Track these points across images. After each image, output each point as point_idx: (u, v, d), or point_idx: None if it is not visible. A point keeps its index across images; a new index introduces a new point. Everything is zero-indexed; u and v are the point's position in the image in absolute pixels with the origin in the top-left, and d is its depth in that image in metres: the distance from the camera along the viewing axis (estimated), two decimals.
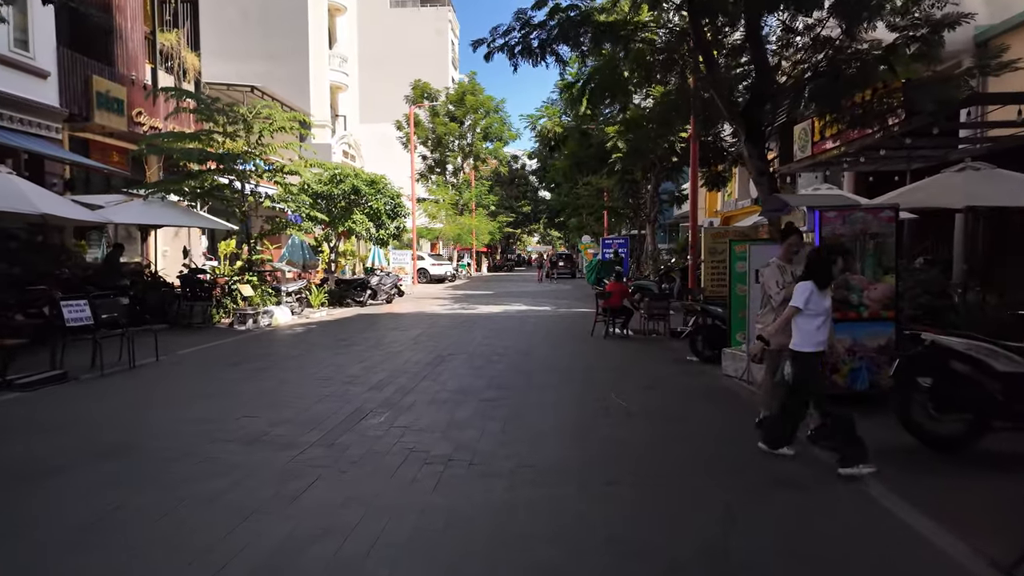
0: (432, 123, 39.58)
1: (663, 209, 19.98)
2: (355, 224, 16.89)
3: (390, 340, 11.25)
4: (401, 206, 18.42)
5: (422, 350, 9.99)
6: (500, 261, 60.67)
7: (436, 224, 38.36)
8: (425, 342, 10.94)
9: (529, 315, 15.89)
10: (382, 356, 9.41)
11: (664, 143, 15.51)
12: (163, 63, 17.74)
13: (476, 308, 17.78)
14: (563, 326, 13.71)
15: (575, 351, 10.16)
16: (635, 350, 10.34)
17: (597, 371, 8.42)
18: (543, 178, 40.14)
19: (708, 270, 13.09)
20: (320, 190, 17.04)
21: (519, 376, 7.91)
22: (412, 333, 12.20)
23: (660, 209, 18.75)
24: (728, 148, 18.04)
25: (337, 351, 9.96)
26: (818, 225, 6.29)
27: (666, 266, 17.99)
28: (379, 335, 11.99)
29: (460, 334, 12.07)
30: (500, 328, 13.08)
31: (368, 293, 18.44)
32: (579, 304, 19.21)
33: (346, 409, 6.21)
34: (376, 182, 17.87)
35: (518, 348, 10.25)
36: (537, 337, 11.75)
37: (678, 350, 10.13)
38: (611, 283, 12.14)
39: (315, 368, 8.53)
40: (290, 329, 13.12)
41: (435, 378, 7.76)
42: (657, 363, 9.11)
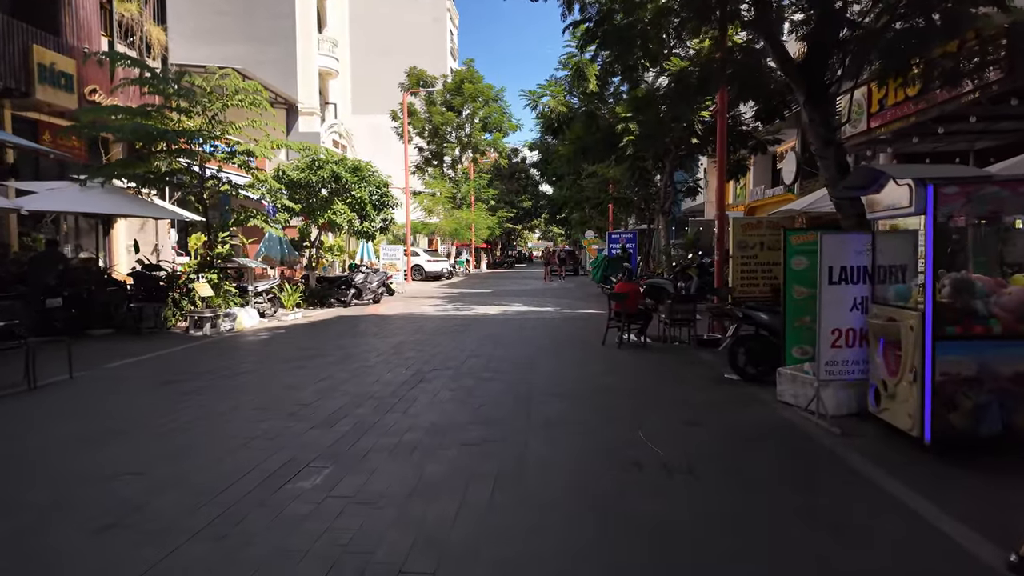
0: (428, 112, 37.72)
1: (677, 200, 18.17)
2: (335, 216, 15.11)
3: (365, 350, 9.48)
4: (388, 196, 16.63)
5: (400, 364, 8.22)
6: (500, 257, 58.89)
7: (432, 218, 36.54)
8: (406, 353, 9.17)
9: (530, 317, 14.11)
10: (348, 373, 7.63)
11: (683, 123, 13.69)
12: (123, 36, 15.95)
13: (471, 309, 16.01)
14: (569, 331, 11.93)
15: (585, 365, 8.39)
16: (658, 364, 8.56)
17: (616, 395, 6.63)
18: (544, 171, 38.20)
19: (737, 267, 11.29)
20: (296, 177, 15.25)
21: (516, 405, 6.13)
22: (393, 340, 10.43)
23: (674, 200, 16.94)
24: (749, 131, 16.24)
25: (296, 366, 8.19)
26: (932, 206, 4.50)
27: (682, 262, 16.22)
28: (353, 343, 10.21)
29: (449, 341, 10.30)
30: (496, 334, 11.30)
31: (352, 292, 16.67)
32: (584, 304, 17.42)
33: (272, 462, 4.44)
34: (360, 169, 16.07)
35: (516, 361, 8.47)
36: (539, 346, 9.98)
37: (710, 364, 8.35)
38: (622, 283, 10.35)
39: (258, 392, 6.76)
40: (254, 335, 11.35)
41: (407, 407, 5.98)
42: (689, 383, 7.32)
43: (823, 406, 5.49)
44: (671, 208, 17.13)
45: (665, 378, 7.61)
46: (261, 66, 27.33)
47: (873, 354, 5.25)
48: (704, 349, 9.51)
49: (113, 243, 17.03)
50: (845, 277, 5.50)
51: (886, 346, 5.08)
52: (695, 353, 9.27)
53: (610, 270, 21.41)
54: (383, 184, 16.60)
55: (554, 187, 42.43)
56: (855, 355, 5.56)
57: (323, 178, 15.00)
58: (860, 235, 5.54)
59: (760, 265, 11.31)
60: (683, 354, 9.26)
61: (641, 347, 9.80)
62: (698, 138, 14.16)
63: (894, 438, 4.91)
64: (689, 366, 8.32)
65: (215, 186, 11.93)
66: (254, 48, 28.54)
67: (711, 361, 8.54)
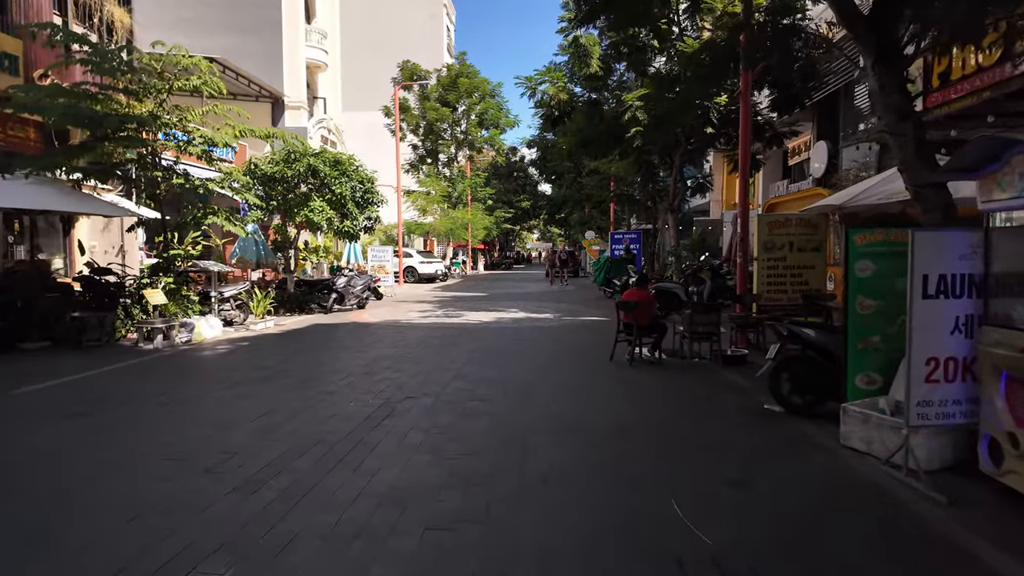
0: (422, 108, 36.31)
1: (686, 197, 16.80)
2: (313, 214, 13.71)
3: (331, 369, 8.08)
4: (373, 193, 15.23)
5: (368, 390, 6.82)
6: (497, 258, 57.51)
7: (427, 218, 35.13)
8: (380, 373, 7.77)
9: (526, 325, 12.72)
10: (301, 404, 6.23)
11: (698, 110, 12.32)
12: (81, 18, 14.54)
13: (463, 315, 14.62)
14: (570, 343, 10.54)
15: (592, 391, 6.99)
16: (679, 388, 7.17)
17: (633, 437, 5.23)
18: (543, 168, 36.79)
19: (762, 270, 9.95)
20: (270, 171, 13.86)
21: (505, 453, 4.74)
22: (368, 356, 9.03)
23: (684, 197, 15.58)
24: (766, 122, 14.87)
25: (242, 393, 6.79)
26: None
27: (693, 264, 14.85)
28: (321, 360, 8.81)
29: (433, 357, 8.90)
30: (488, 347, 9.91)
31: (333, 297, 15.26)
32: (585, 310, 16.03)
33: (148, 560, 3.04)
34: (342, 163, 14.67)
35: (509, 385, 7.08)
36: (536, 363, 8.59)
37: (742, 389, 6.97)
38: (633, 290, 8.96)
39: (180, 431, 5.36)
40: (211, 348, 9.95)
41: (362, 459, 4.58)
42: (723, 417, 5.93)
43: (915, 460, 4.11)
44: (679, 206, 15.75)
45: (691, 409, 6.22)
46: (245, 58, 25.99)
47: (991, 394, 3.88)
48: (730, 368, 8.13)
49: (73, 244, 15.66)
50: (944, 289, 4.12)
51: (1012, 385, 3.70)
52: (720, 373, 7.89)
53: (613, 272, 20.05)
54: (368, 179, 15.20)
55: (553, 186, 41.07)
56: (956, 392, 4.18)
57: (299, 172, 13.60)
58: (964, 232, 4.15)
59: (789, 269, 9.96)
60: (706, 374, 7.87)
61: (655, 364, 8.42)
62: (713, 127, 12.77)
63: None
64: (717, 391, 6.93)
65: (167, 178, 10.51)
66: (238, 39, 27.15)
67: (742, 384, 7.15)
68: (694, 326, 8.30)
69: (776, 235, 9.87)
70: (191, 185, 10.63)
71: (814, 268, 9.90)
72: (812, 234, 9.86)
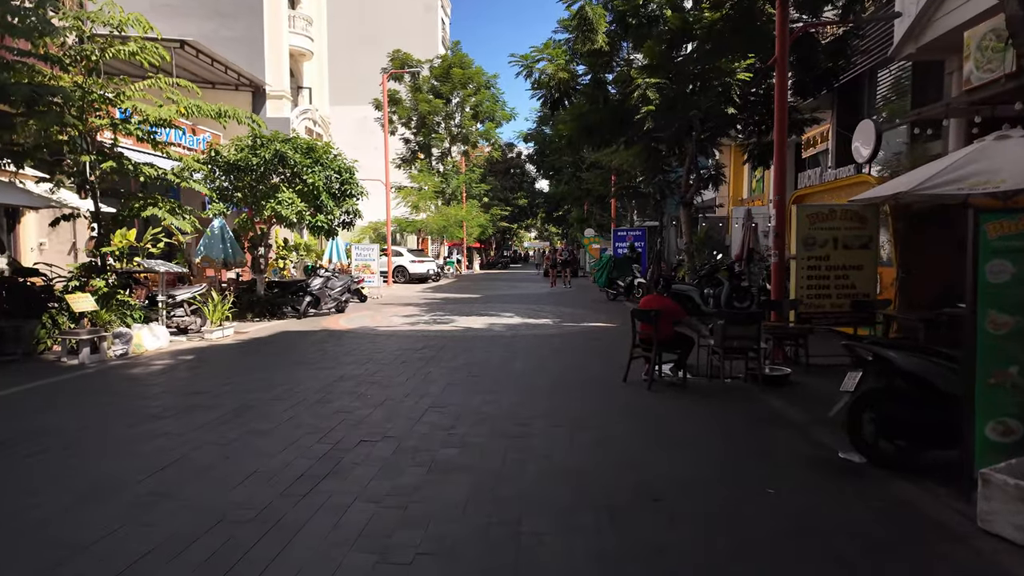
0: (414, 99, 34.69)
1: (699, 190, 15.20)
2: (281, 206, 12.12)
3: (279, 394, 6.50)
4: (352, 184, 13.64)
5: (314, 429, 5.25)
6: (493, 258, 55.96)
7: (419, 215, 33.54)
8: (336, 400, 6.21)
9: (522, 333, 11.16)
10: (220, 449, 4.66)
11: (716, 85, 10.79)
12: None
13: (452, 321, 13.05)
14: (574, 356, 8.98)
15: (607, 432, 5.38)
16: (717, 425, 5.61)
17: (676, 519, 3.63)
18: (541, 164, 35.31)
19: (801, 271, 8.42)
20: (234, 159, 12.27)
21: (488, 549, 3.17)
22: (329, 375, 7.45)
23: (698, 189, 14.03)
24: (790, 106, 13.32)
25: (157, 427, 5.23)
26: None
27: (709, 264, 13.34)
28: (269, 381, 7.22)
29: (407, 378, 7.34)
30: (476, 364, 8.35)
31: (307, 301, 13.68)
32: (588, 314, 14.48)
33: None
34: (315, 150, 13.08)
35: (498, 422, 5.51)
36: (533, 385, 7.03)
37: (794, 423, 5.43)
38: (652, 296, 7.38)
39: (31, 498, 3.78)
40: (148, 364, 8.37)
41: (271, 559, 3.02)
42: (786, 472, 4.38)
43: None
44: (693, 199, 14.20)
45: (741, 459, 4.66)
46: (224, 44, 24.45)
47: None
48: (771, 391, 6.60)
49: (20, 241, 14.06)
50: None
51: None
52: (761, 399, 6.34)
53: (617, 272, 18.54)
54: (346, 169, 13.61)
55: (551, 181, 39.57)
56: None
57: (265, 160, 12.00)
58: None
59: (833, 269, 8.42)
60: (745, 401, 6.33)
61: (679, 387, 6.87)
62: (735, 107, 11.22)
63: None
64: (765, 428, 5.38)
65: (93, 163, 8.90)
66: (216, 23, 25.57)
67: (793, 416, 5.61)
68: (728, 340, 6.74)
69: (818, 229, 8.33)
70: (131, 172, 9.03)
71: (862, 269, 8.38)
72: (860, 228, 8.33)
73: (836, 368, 7.82)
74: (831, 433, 4.96)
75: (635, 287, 17.70)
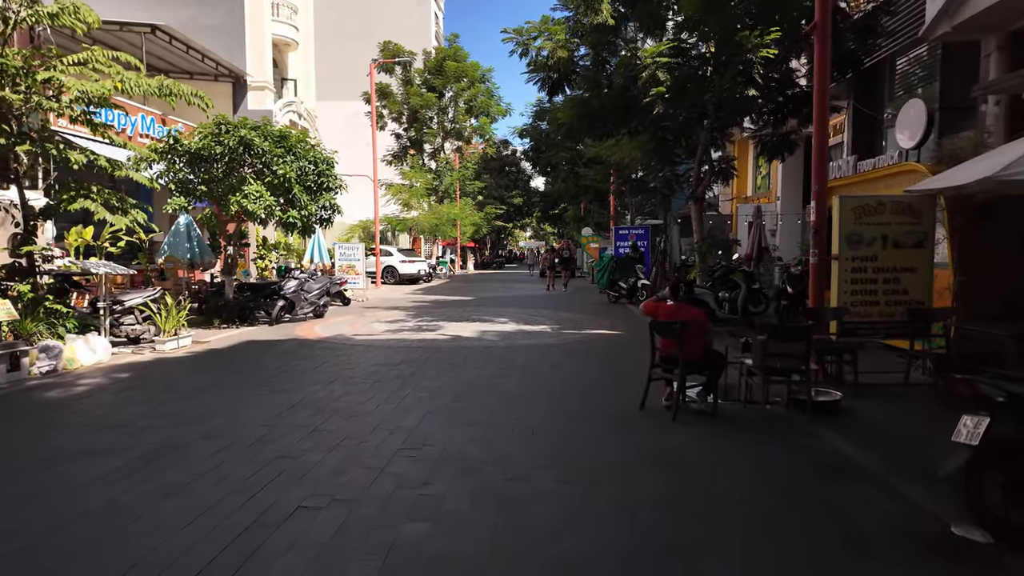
0: (405, 93, 33.35)
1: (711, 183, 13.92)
2: (247, 200, 10.80)
3: (212, 430, 5.19)
4: (329, 177, 12.33)
5: (240, 483, 3.96)
6: (488, 257, 54.66)
7: (410, 213, 32.19)
8: (281, 439, 4.92)
9: (517, 343, 9.90)
10: (94, 526, 3.36)
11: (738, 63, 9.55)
12: None
13: (439, 328, 11.76)
14: (577, 373, 7.71)
15: (629, 490, 4.11)
16: (768, 474, 4.35)
17: None
18: (537, 160, 33.97)
19: (845, 273, 7.19)
20: (196, 147, 10.95)
21: None
22: (283, 401, 6.16)
23: (711, 181, 12.78)
24: (805, 93, 12.11)
25: (37, 480, 3.94)
26: None
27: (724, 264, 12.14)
28: (210, 409, 5.91)
29: (378, 405, 6.05)
30: (462, 384, 7.07)
31: (279, 305, 12.37)
32: (589, 319, 13.21)
33: None
34: (287, 138, 11.77)
35: (487, 474, 4.24)
36: (530, 415, 5.76)
37: (865, 469, 4.19)
38: (674, 304, 6.07)
39: None
40: (73, 383, 7.05)
41: None
42: (881, 553, 3.13)
43: None
44: (705, 193, 12.96)
45: (811, 535, 3.40)
46: (202, 31, 23.07)
47: None
48: (822, 420, 5.36)
49: None
50: None
51: None
52: (815, 433, 5.09)
53: (619, 273, 17.29)
54: (322, 160, 12.30)
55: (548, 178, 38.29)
56: None
57: (229, 148, 10.68)
58: None
59: (882, 272, 7.18)
60: (793, 435, 5.07)
61: (709, 416, 5.63)
62: (757, 88, 9.98)
63: None
64: (836, 484, 4.11)
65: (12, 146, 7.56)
66: (196, 10, 24.16)
67: (859, 459, 4.38)
68: (770, 359, 5.48)
69: (864, 225, 7.10)
70: (57, 157, 7.71)
71: (915, 271, 7.16)
72: (914, 224, 7.10)
73: (888, 389, 6.61)
74: (923, 489, 3.74)
75: (638, 289, 16.47)
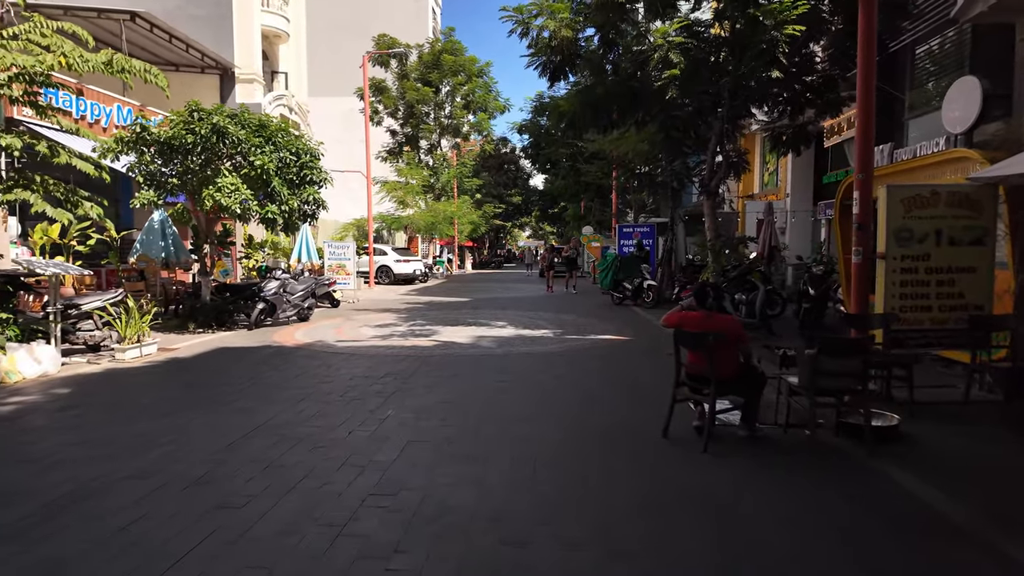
0: (401, 87, 32.39)
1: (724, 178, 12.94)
2: (220, 193, 9.86)
3: (144, 467, 4.24)
4: (313, 170, 11.39)
5: (157, 555, 3.04)
6: (486, 257, 53.72)
7: (406, 210, 31.23)
8: (225, 482, 3.99)
9: (516, 351, 8.97)
10: None
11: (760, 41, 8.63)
12: None
13: (432, 334, 10.83)
14: (586, 388, 6.77)
15: (659, 553, 3.19)
16: (837, 537, 3.43)
17: None
18: (536, 157, 33.03)
19: (892, 274, 6.27)
20: (165, 136, 10.00)
21: None
22: (244, 424, 5.23)
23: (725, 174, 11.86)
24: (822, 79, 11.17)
25: None
26: None
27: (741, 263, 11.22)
28: (147, 438, 4.96)
29: (351, 430, 5.13)
30: (452, 403, 6.14)
31: (259, 308, 11.43)
32: (593, 323, 12.28)
33: None
34: (267, 127, 10.83)
35: (476, 532, 3.31)
36: (532, 447, 4.83)
37: (961, 529, 3.25)
38: (703, 314, 5.07)
39: None
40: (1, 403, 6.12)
41: None
42: None
43: None
44: (718, 187, 12.03)
45: None
46: (189, 21, 22.23)
47: None
48: (882, 450, 4.44)
49: None
50: None
51: None
52: (878, 469, 4.18)
53: (623, 273, 16.37)
54: (306, 151, 11.35)
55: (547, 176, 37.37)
56: None
57: (203, 136, 9.74)
58: None
59: (935, 272, 6.24)
60: (855, 474, 4.15)
61: (746, 444, 4.71)
62: (781, 70, 9.06)
63: None
64: (931, 547, 3.20)
65: None
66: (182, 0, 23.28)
67: (954, 516, 3.45)
68: (820, 377, 4.56)
69: (915, 219, 6.18)
70: None
71: (974, 272, 6.23)
72: (973, 218, 6.17)
73: (945, 408, 5.71)
74: None
75: (644, 290, 15.55)
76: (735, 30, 9.56)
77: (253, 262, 17.87)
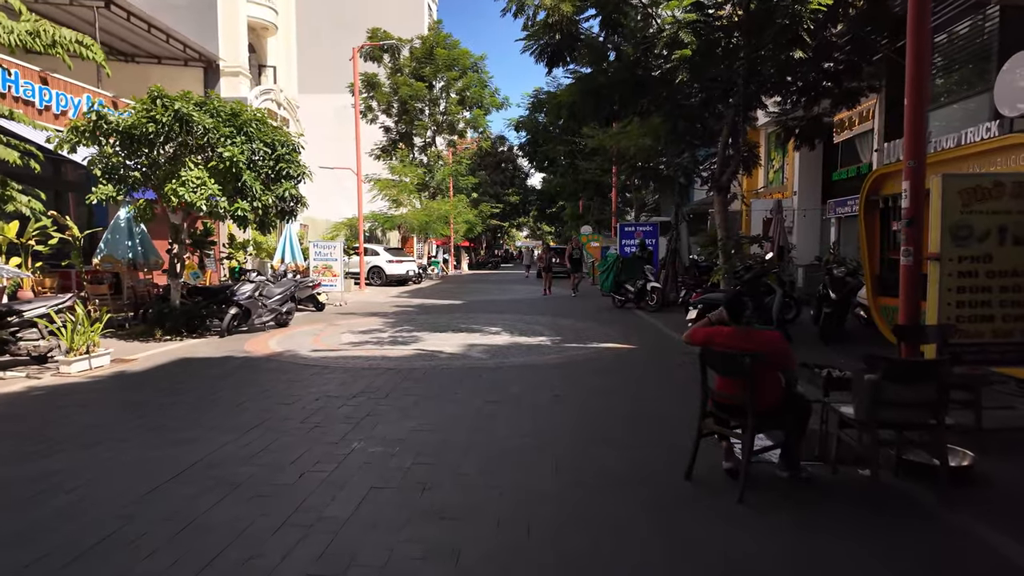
0: (394, 83, 31.44)
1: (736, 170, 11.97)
2: (184, 187, 8.92)
3: (20, 535, 3.34)
4: (290, 163, 10.45)
5: None
6: (483, 257, 52.78)
7: (399, 209, 30.28)
8: (107, 566, 3.08)
9: (511, 362, 8.05)
10: None
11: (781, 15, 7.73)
12: None
13: (419, 342, 9.91)
14: (590, 411, 5.86)
15: None
16: None
17: None
18: (533, 155, 32.11)
19: (947, 278, 5.35)
20: (125, 125, 9.07)
21: None
22: (181, 460, 4.30)
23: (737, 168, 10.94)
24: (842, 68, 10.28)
25: None
26: None
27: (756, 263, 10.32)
28: (55, 481, 4.02)
29: (305, 470, 4.20)
30: (432, 431, 5.22)
31: (231, 314, 10.49)
32: (595, 328, 11.36)
33: None
34: (239, 115, 9.89)
35: None
36: (528, 496, 3.92)
37: None
38: (735, 330, 4.08)
39: None
40: None
41: None
42: None
43: None
44: (730, 181, 11.11)
45: None
46: (174, 13, 21.28)
47: None
48: (960, 499, 3.55)
49: None
50: None
51: None
52: (965, 529, 3.28)
53: (625, 274, 15.48)
54: (282, 143, 10.42)
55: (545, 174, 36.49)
56: None
57: (164, 124, 8.81)
58: None
59: (997, 276, 5.32)
60: (938, 536, 3.25)
61: (792, 488, 3.81)
62: (804, 49, 8.16)
63: None
64: None
65: None
66: None
67: None
68: (883, 408, 3.64)
69: (976, 214, 5.27)
70: None
71: None
72: None
73: (1015, 436, 4.82)
74: None
75: (647, 292, 14.66)
76: (749, 10, 8.65)
77: (234, 263, 16.94)
